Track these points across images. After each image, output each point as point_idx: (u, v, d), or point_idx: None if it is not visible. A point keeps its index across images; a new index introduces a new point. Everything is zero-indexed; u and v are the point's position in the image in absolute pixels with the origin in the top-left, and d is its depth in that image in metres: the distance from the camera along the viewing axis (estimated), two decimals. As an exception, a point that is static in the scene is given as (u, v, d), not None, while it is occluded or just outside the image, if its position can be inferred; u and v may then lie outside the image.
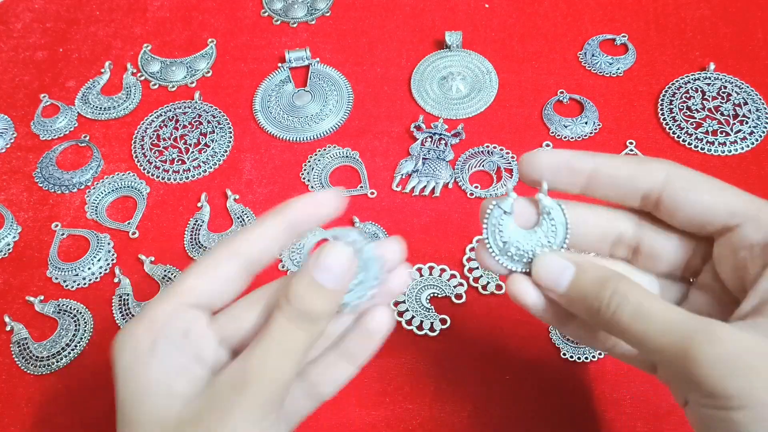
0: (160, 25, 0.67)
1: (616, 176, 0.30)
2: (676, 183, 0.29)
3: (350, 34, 0.65)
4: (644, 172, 0.30)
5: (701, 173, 0.30)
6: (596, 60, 0.61)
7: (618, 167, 0.30)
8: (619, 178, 0.30)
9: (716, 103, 0.58)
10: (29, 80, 0.63)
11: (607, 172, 0.30)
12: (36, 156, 0.59)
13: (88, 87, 0.63)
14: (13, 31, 0.67)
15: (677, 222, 0.30)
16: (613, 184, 0.30)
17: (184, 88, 0.62)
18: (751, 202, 0.29)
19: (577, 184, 0.31)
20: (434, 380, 0.46)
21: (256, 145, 0.58)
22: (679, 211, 0.29)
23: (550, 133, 0.57)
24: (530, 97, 0.60)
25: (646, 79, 0.60)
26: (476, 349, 0.47)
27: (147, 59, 0.64)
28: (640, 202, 0.31)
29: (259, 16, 0.67)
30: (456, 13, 0.66)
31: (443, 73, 0.61)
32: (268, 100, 0.61)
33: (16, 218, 0.55)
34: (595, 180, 0.30)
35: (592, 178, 0.30)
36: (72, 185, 0.57)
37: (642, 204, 0.31)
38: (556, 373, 0.46)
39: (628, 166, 0.30)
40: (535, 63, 0.62)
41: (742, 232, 0.28)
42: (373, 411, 0.45)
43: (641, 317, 0.27)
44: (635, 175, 0.30)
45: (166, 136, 0.59)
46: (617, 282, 0.28)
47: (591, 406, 0.45)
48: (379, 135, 0.58)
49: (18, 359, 0.48)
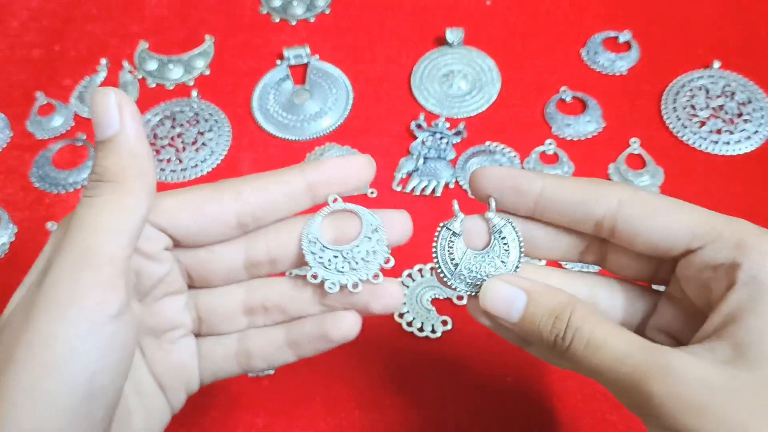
0: (157, 22, 0.66)
1: (565, 201, 0.29)
2: (631, 209, 0.28)
3: (350, 32, 0.65)
4: (595, 198, 0.28)
5: (657, 195, 0.29)
6: (599, 57, 0.61)
7: (567, 191, 0.28)
8: (569, 204, 0.29)
9: (720, 102, 0.57)
10: (25, 78, 0.63)
11: (555, 196, 0.29)
12: (32, 155, 0.58)
13: (84, 85, 0.62)
14: (9, 29, 0.66)
15: (636, 248, 0.29)
16: (562, 209, 0.29)
17: (181, 87, 0.62)
18: (712, 222, 0.27)
19: (524, 206, 0.29)
20: (435, 382, 0.46)
21: (254, 144, 0.58)
22: (638, 237, 0.28)
23: (552, 131, 0.57)
24: (532, 95, 0.59)
25: (649, 76, 0.60)
26: (478, 351, 0.47)
27: (144, 57, 0.64)
28: (594, 229, 0.29)
29: (257, 13, 0.66)
30: (457, 9, 0.65)
31: (444, 70, 0.61)
32: (266, 98, 0.60)
33: (11, 218, 0.54)
34: (543, 203, 0.29)
35: (540, 202, 0.29)
36: (68, 185, 0.56)
37: (595, 231, 0.29)
38: (555, 374, 0.45)
39: (577, 191, 0.28)
40: (538, 60, 0.61)
41: (705, 253, 0.27)
42: (372, 413, 0.45)
43: (594, 350, 0.26)
44: (586, 201, 0.28)
45: (164, 135, 0.58)
46: (571, 312, 0.27)
47: (591, 407, 0.44)
48: (379, 133, 0.58)
49: (13, 361, 0.48)
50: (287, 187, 0.29)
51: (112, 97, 0.26)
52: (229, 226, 0.29)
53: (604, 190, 0.28)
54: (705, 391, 0.24)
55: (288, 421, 0.45)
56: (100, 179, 0.26)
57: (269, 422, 0.45)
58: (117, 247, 0.25)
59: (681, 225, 0.27)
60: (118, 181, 0.26)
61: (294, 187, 0.29)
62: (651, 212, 0.28)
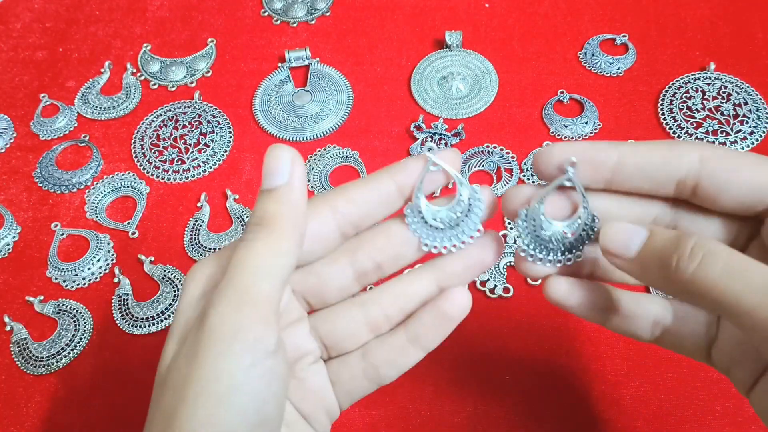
0: (159, 24, 0.67)
1: (645, 165, 0.28)
2: (713, 165, 0.27)
3: (350, 34, 0.65)
4: (675, 157, 0.27)
5: (737, 151, 0.28)
6: (596, 60, 0.61)
7: (646, 155, 0.28)
8: (649, 167, 0.28)
9: (716, 103, 0.58)
10: (29, 80, 0.63)
11: (634, 162, 0.28)
12: (36, 156, 0.59)
13: (87, 87, 0.63)
14: (13, 31, 0.67)
15: (720, 206, 0.28)
16: (642, 174, 0.28)
17: (183, 88, 0.62)
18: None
19: (600, 179, 0.29)
20: (434, 380, 0.46)
21: (255, 145, 0.58)
22: (723, 193, 0.27)
23: (550, 132, 0.57)
24: (530, 97, 0.60)
25: (646, 78, 0.60)
26: (476, 350, 0.47)
27: (147, 59, 0.64)
28: (675, 190, 0.28)
29: (259, 15, 0.67)
30: (456, 12, 0.66)
31: (443, 72, 0.61)
32: (267, 99, 0.61)
33: (15, 218, 0.55)
34: (622, 172, 0.28)
35: (618, 171, 0.28)
36: (72, 185, 0.56)
37: (677, 192, 0.28)
38: (555, 373, 0.46)
39: (656, 153, 0.28)
40: (536, 63, 0.62)
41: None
42: (372, 410, 0.45)
43: (735, 273, 0.24)
44: (666, 161, 0.28)
45: (166, 136, 0.59)
46: (698, 237, 0.25)
47: (591, 406, 0.45)
48: (379, 135, 0.58)
49: (18, 359, 0.48)
50: (379, 193, 0.30)
51: (287, 152, 0.28)
52: (332, 239, 0.30)
53: (684, 148, 0.28)
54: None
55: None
56: (259, 223, 0.27)
57: (270, 419, 0.45)
58: (271, 287, 0.26)
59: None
60: (275, 227, 0.27)
61: (385, 191, 0.30)
62: (736, 166, 0.27)
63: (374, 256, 0.30)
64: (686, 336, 0.30)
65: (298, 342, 0.31)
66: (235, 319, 0.25)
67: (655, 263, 0.26)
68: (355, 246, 0.31)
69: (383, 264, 0.31)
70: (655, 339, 0.31)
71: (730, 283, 0.24)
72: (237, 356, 0.25)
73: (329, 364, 0.32)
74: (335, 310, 0.31)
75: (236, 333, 0.25)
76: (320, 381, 0.31)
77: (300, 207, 0.28)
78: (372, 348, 0.31)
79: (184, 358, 0.26)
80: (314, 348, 0.31)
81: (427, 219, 0.30)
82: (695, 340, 0.30)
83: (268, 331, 0.25)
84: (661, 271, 0.26)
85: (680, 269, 0.25)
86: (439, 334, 0.31)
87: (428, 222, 0.30)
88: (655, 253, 0.26)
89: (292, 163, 0.28)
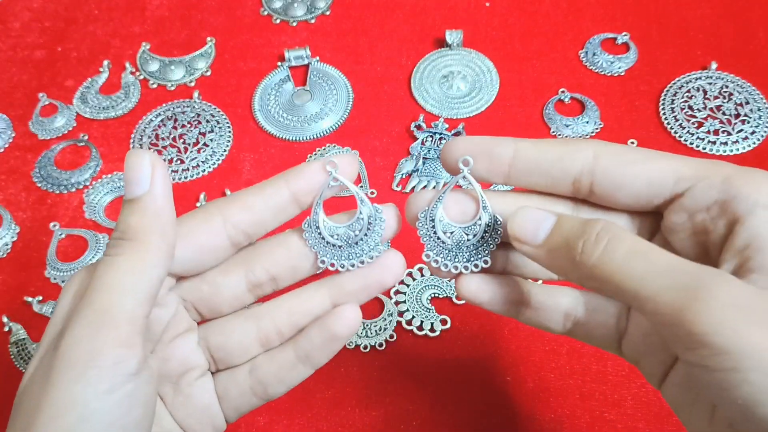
0: (158, 23, 0.67)
1: (541, 161, 0.28)
2: (606, 161, 0.27)
3: (350, 33, 0.65)
4: (570, 153, 0.28)
5: (630, 147, 0.28)
6: (597, 59, 0.61)
7: (540, 151, 0.28)
8: (544, 163, 0.28)
9: (718, 103, 0.57)
10: (27, 79, 0.63)
11: (530, 157, 0.28)
12: (34, 156, 0.58)
13: (86, 86, 0.62)
14: (11, 30, 0.67)
15: (618, 202, 0.28)
16: (539, 169, 0.28)
17: (183, 88, 0.62)
18: (692, 165, 0.27)
19: (498, 173, 0.29)
20: (434, 381, 0.46)
21: (255, 145, 0.58)
22: (618, 189, 0.27)
23: (551, 132, 0.57)
24: (531, 96, 0.59)
25: (647, 78, 0.60)
26: (476, 350, 0.47)
27: (146, 58, 0.64)
28: (572, 187, 0.28)
29: (258, 14, 0.67)
30: (456, 11, 0.66)
31: (444, 72, 0.61)
32: (267, 99, 0.61)
33: (14, 218, 0.55)
34: (518, 167, 0.28)
35: (515, 165, 0.28)
36: (70, 185, 0.56)
37: (575, 190, 0.28)
38: (555, 374, 0.46)
39: (551, 149, 0.28)
40: (536, 62, 0.62)
41: (695, 194, 0.26)
42: (372, 411, 0.45)
43: (638, 259, 0.24)
44: (560, 157, 0.28)
45: (165, 136, 0.59)
46: (605, 223, 0.25)
47: (592, 407, 0.44)
48: (379, 134, 0.58)
49: (16, 360, 0.48)
50: (273, 200, 0.29)
51: (146, 158, 0.27)
52: (223, 248, 0.29)
53: (578, 145, 0.28)
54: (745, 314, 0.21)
55: (289, 419, 0.45)
56: (122, 237, 0.26)
57: (270, 420, 0.45)
58: (135, 306, 0.25)
59: (663, 170, 0.27)
60: (139, 239, 0.26)
61: (279, 199, 0.29)
62: (630, 160, 0.27)
63: (269, 267, 0.30)
64: (597, 327, 0.30)
65: (185, 355, 0.30)
66: (92, 343, 0.24)
67: (561, 249, 0.26)
68: (251, 255, 0.30)
69: (278, 276, 0.30)
70: (567, 331, 0.31)
71: (633, 268, 0.23)
72: (92, 382, 0.24)
73: (217, 377, 0.31)
74: (227, 322, 0.31)
75: (92, 357, 0.24)
76: (207, 397, 0.31)
77: (165, 214, 0.27)
78: (260, 363, 0.31)
79: (37, 383, 0.25)
80: (202, 362, 0.31)
81: (324, 236, 0.30)
82: (606, 332, 0.30)
83: (130, 354, 0.25)
84: (568, 257, 0.26)
85: (585, 254, 0.25)
86: (326, 352, 0.30)
87: (325, 239, 0.30)
88: (561, 239, 0.26)
89: (152, 168, 0.27)
